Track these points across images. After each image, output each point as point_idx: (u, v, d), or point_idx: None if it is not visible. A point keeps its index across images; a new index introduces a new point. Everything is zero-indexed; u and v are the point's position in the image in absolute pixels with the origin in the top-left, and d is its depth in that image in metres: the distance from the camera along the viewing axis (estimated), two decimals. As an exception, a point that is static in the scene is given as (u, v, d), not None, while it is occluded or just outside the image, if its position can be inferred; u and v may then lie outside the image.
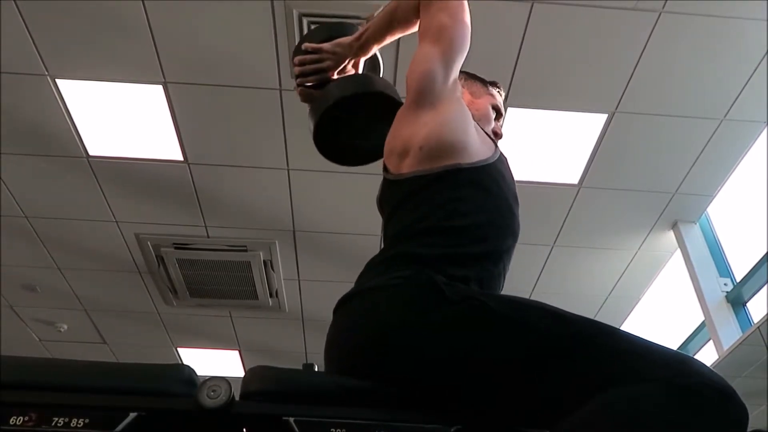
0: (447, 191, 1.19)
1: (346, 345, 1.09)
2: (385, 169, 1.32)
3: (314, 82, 1.47)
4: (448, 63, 1.26)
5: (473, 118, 1.33)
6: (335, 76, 1.47)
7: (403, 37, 1.46)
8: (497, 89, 1.53)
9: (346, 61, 1.47)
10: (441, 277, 1.06)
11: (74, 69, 3.06)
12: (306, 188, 3.74)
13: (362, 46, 1.45)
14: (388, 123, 1.34)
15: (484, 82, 1.53)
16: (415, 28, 1.38)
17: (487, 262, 1.17)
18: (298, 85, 1.50)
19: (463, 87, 1.44)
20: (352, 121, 1.42)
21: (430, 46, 1.28)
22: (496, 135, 1.44)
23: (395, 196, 1.26)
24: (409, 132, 1.25)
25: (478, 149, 1.25)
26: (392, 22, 1.41)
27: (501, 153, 1.32)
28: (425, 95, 1.25)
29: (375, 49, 1.48)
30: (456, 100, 1.29)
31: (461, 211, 1.17)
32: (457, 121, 1.25)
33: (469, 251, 1.14)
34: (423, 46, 1.29)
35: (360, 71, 1.51)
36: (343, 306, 1.13)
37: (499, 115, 1.49)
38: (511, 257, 1.25)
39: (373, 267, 1.18)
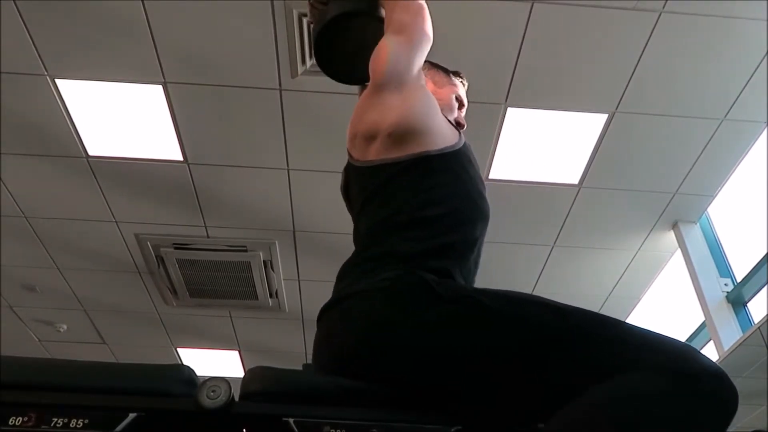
0: (419, 180, 1.20)
1: (337, 352, 1.08)
2: (350, 155, 1.33)
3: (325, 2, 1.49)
4: (410, 50, 1.29)
5: None
6: None
7: None
8: (460, 79, 1.54)
9: None
10: (431, 276, 1.06)
11: (74, 69, 3.05)
12: (306, 188, 3.74)
13: None
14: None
15: (447, 72, 1.54)
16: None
17: (463, 250, 1.18)
18: (311, 5, 1.52)
19: (426, 76, 1.45)
20: (349, 38, 1.46)
21: (393, 36, 1.31)
22: (459, 125, 1.45)
23: (366, 186, 1.26)
24: (374, 116, 1.26)
25: (445, 136, 1.26)
26: None
27: (465, 140, 1.33)
28: (389, 78, 1.26)
29: None
30: (421, 87, 1.30)
31: (435, 200, 1.18)
32: (424, 107, 1.26)
33: (447, 240, 1.14)
34: (387, 36, 1.33)
35: None
36: (326, 313, 1.12)
37: (461, 105, 1.50)
38: (483, 242, 1.26)
39: (351, 271, 1.16)
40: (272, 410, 0.94)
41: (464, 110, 1.52)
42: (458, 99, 1.49)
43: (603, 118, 3.29)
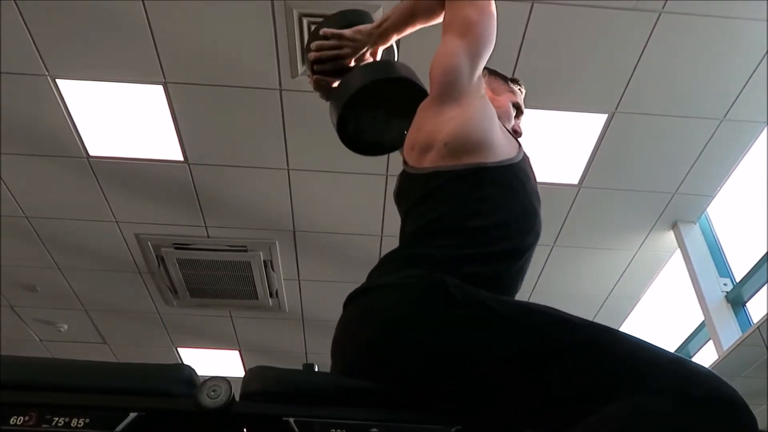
0: (470, 190, 1.17)
1: (353, 340, 1.09)
2: (405, 162, 1.30)
3: (329, 70, 1.43)
4: (474, 58, 1.24)
5: None
6: (352, 64, 1.44)
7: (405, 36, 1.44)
8: (518, 86, 1.52)
9: (365, 49, 1.43)
10: (453, 279, 1.04)
11: (74, 69, 3.06)
12: (306, 188, 3.74)
13: (382, 35, 1.42)
14: (411, 110, 1.31)
15: (505, 79, 1.51)
16: (437, 20, 1.35)
17: (505, 262, 1.15)
18: (314, 72, 1.45)
19: (484, 83, 1.42)
20: (374, 109, 1.38)
21: (457, 40, 1.25)
22: (516, 133, 1.42)
23: (415, 191, 1.24)
24: (432, 126, 1.23)
25: (503, 148, 1.23)
26: (414, 12, 1.38)
27: (524, 152, 1.30)
28: (450, 90, 1.23)
29: (394, 39, 1.44)
30: (481, 97, 1.27)
31: (484, 211, 1.15)
32: (483, 119, 1.23)
33: (487, 251, 1.12)
34: (448, 39, 1.26)
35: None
36: (353, 301, 1.12)
37: (519, 112, 1.47)
38: (532, 255, 1.23)
39: (387, 263, 1.17)
40: (272, 410, 0.95)
41: (522, 118, 1.48)
42: (516, 106, 1.46)
43: (603, 118, 3.29)
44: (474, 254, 1.11)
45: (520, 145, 1.32)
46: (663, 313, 4.76)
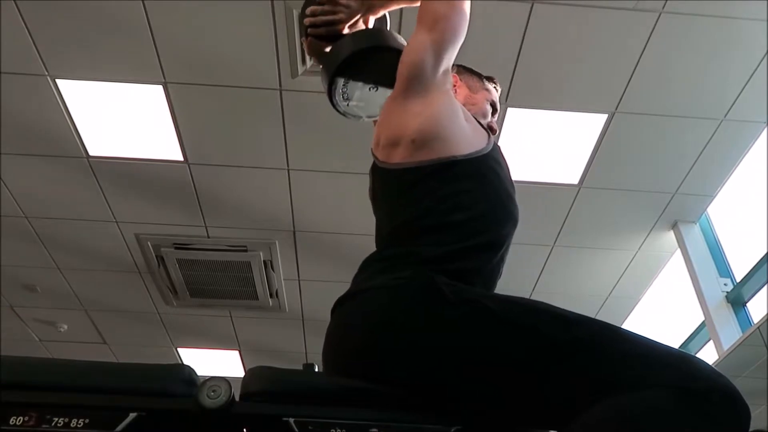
0: (447, 184, 1.18)
1: (344, 345, 1.09)
2: (375, 156, 1.31)
3: (324, 34, 1.46)
4: (439, 53, 1.25)
5: (470, 112, 1.33)
6: (345, 31, 1.46)
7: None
8: (493, 84, 1.53)
9: (358, 16, 1.46)
10: (442, 278, 1.05)
11: (74, 69, 3.06)
12: (306, 188, 3.74)
13: (372, 6, 1.46)
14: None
15: (481, 77, 1.53)
16: (416, 4, 1.37)
17: (487, 253, 1.16)
18: (308, 35, 1.48)
19: (460, 81, 1.45)
20: (364, 75, 1.41)
21: (425, 34, 1.26)
22: (492, 130, 1.43)
23: (390, 189, 1.25)
24: (398, 122, 1.24)
25: (471, 140, 1.25)
26: None
27: (494, 142, 1.31)
28: (414, 84, 1.24)
29: (383, 12, 1.48)
30: (445, 92, 1.28)
31: (460, 205, 1.16)
32: (448, 114, 1.24)
33: (470, 244, 1.13)
34: (417, 33, 1.28)
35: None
36: (341, 306, 1.13)
37: (494, 110, 1.49)
38: (510, 244, 1.24)
39: (370, 265, 1.17)
40: (272, 410, 0.94)
41: (497, 115, 1.51)
42: (492, 104, 1.48)
43: (603, 118, 3.29)
44: (456, 249, 1.12)
45: (489, 135, 1.33)
46: (663, 313, 4.76)
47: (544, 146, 3.45)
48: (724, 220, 3.90)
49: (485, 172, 1.23)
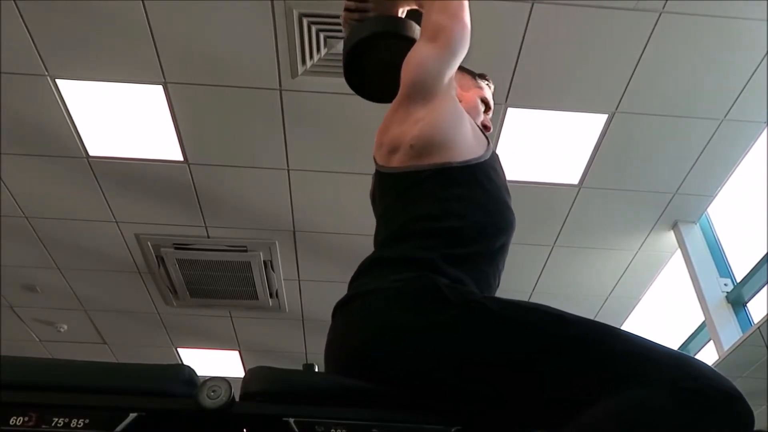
0: (440, 190, 1.19)
1: (346, 347, 1.09)
2: (375, 161, 1.32)
3: (356, 19, 1.48)
4: (442, 63, 1.26)
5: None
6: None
7: None
8: (486, 82, 1.53)
9: (389, 5, 1.47)
10: (442, 279, 1.05)
11: (74, 69, 3.05)
12: (306, 188, 3.74)
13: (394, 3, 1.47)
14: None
15: (473, 75, 1.52)
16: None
17: (481, 261, 1.17)
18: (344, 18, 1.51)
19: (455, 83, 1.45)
20: (378, 56, 1.43)
21: (427, 44, 1.28)
22: (486, 128, 1.44)
23: (389, 192, 1.26)
24: (399, 129, 1.25)
25: (470, 147, 1.25)
26: None
27: (493, 150, 1.32)
28: (416, 92, 1.25)
29: (403, 10, 1.48)
30: (450, 99, 1.28)
31: (456, 211, 1.17)
32: (450, 120, 1.24)
33: (465, 251, 1.14)
34: (420, 42, 1.30)
35: None
36: (341, 309, 1.13)
37: (488, 108, 1.49)
38: (508, 251, 1.25)
39: (369, 267, 1.17)
40: (272, 410, 0.94)
41: (491, 113, 1.50)
42: (484, 101, 1.48)
43: (603, 118, 3.29)
44: (453, 255, 1.12)
45: (489, 142, 1.33)
46: (663, 313, 4.76)
47: (544, 146, 3.45)
48: (724, 220, 3.90)
49: (482, 179, 1.23)
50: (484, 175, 1.24)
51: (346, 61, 1.44)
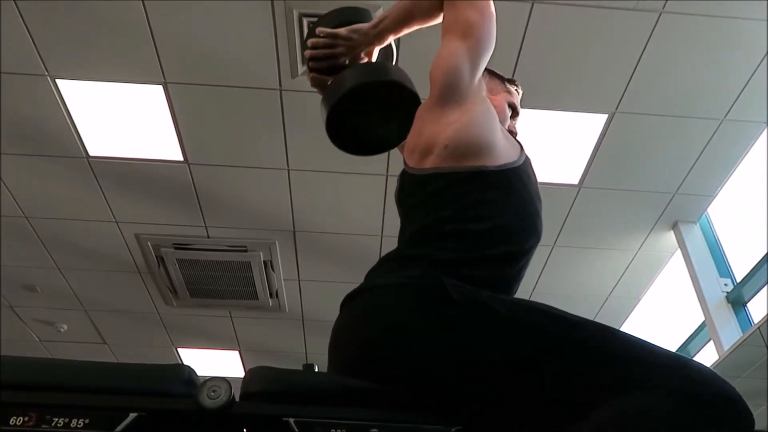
0: (472, 193, 1.17)
1: (354, 340, 1.08)
2: (406, 164, 1.29)
3: (326, 67, 1.42)
4: (475, 60, 1.24)
5: None
6: (347, 63, 1.42)
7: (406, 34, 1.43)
8: (515, 87, 1.50)
9: (360, 48, 1.41)
10: (450, 279, 1.04)
11: (74, 69, 3.05)
12: (306, 188, 3.74)
13: (378, 35, 1.40)
14: (402, 113, 1.30)
15: (502, 79, 1.50)
16: (436, 21, 1.34)
17: (503, 264, 1.15)
18: (310, 70, 1.44)
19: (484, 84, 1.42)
20: (365, 110, 1.37)
21: (458, 42, 1.24)
22: (512, 133, 1.41)
23: (416, 192, 1.23)
24: (433, 131, 1.22)
25: (504, 151, 1.23)
26: (413, 13, 1.36)
27: (526, 155, 1.30)
28: (451, 92, 1.22)
29: (390, 39, 1.43)
30: (482, 100, 1.26)
31: (485, 215, 1.15)
32: (484, 122, 1.22)
33: (487, 254, 1.12)
34: (449, 40, 1.26)
35: (374, 60, 1.46)
36: (350, 301, 1.12)
37: (515, 113, 1.46)
38: (532, 257, 1.23)
39: (385, 263, 1.17)
40: (272, 410, 0.94)
41: (518, 119, 1.48)
42: (512, 106, 1.45)
43: (603, 118, 3.29)
44: (473, 257, 1.11)
45: (522, 147, 1.31)
46: (663, 313, 4.76)
47: (544, 146, 3.45)
48: (724, 220, 3.90)
49: (515, 185, 1.21)
50: (518, 181, 1.22)
51: (330, 120, 1.35)
